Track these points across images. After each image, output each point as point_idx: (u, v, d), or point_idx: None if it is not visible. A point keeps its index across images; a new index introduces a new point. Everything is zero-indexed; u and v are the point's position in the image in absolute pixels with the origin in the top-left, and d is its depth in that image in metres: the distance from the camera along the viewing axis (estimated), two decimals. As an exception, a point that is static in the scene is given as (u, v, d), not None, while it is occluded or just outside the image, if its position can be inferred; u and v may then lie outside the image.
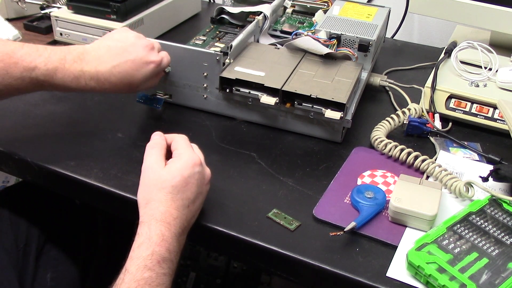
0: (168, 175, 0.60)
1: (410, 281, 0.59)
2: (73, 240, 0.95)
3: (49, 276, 0.88)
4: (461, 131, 0.86)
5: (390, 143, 0.78)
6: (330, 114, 0.76)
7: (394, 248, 0.63)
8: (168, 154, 0.65)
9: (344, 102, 0.75)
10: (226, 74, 0.81)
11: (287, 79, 0.80)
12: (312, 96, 0.77)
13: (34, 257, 0.87)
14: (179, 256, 0.60)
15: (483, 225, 0.63)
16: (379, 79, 0.95)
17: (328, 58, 0.87)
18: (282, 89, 0.78)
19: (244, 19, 1.02)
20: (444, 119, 0.88)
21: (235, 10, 1.02)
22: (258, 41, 0.96)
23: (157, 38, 0.86)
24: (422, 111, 0.87)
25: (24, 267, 0.85)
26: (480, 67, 0.90)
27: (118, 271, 0.56)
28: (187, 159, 0.62)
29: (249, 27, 0.91)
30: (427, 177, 0.74)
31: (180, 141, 0.65)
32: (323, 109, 0.77)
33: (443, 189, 0.71)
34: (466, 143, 0.82)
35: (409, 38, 1.26)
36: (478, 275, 0.57)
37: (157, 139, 0.65)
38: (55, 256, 0.90)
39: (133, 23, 1.03)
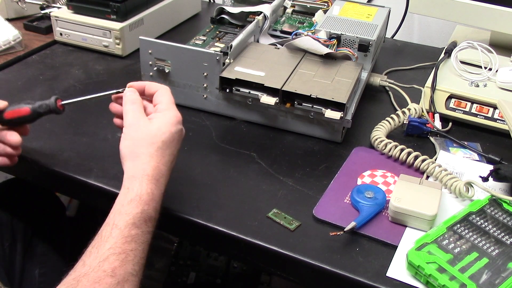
0: (158, 130, 0.61)
1: (410, 281, 0.59)
2: (59, 235, 0.95)
3: (37, 272, 0.88)
4: (461, 131, 0.86)
5: (390, 143, 0.78)
6: (330, 114, 0.76)
7: (394, 248, 0.63)
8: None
9: (344, 102, 0.75)
10: (226, 74, 0.81)
11: (287, 79, 0.80)
12: (312, 96, 0.77)
13: (21, 254, 0.86)
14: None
15: (483, 225, 0.63)
16: (379, 79, 0.95)
17: (328, 58, 0.87)
18: (282, 89, 0.78)
19: (244, 19, 1.02)
20: (444, 119, 0.88)
21: (235, 10, 1.02)
22: (258, 41, 0.96)
23: (157, 38, 0.86)
24: (422, 111, 0.87)
25: (11, 265, 0.84)
26: (480, 67, 0.90)
27: None
28: (173, 115, 0.62)
29: (249, 27, 0.91)
30: (427, 177, 0.74)
31: (165, 95, 0.65)
32: (323, 109, 0.77)
33: (443, 189, 0.71)
34: (466, 143, 0.82)
35: (409, 38, 1.26)
36: (478, 275, 0.57)
37: (135, 96, 0.64)
38: (43, 252, 0.90)
39: (133, 23, 1.03)
